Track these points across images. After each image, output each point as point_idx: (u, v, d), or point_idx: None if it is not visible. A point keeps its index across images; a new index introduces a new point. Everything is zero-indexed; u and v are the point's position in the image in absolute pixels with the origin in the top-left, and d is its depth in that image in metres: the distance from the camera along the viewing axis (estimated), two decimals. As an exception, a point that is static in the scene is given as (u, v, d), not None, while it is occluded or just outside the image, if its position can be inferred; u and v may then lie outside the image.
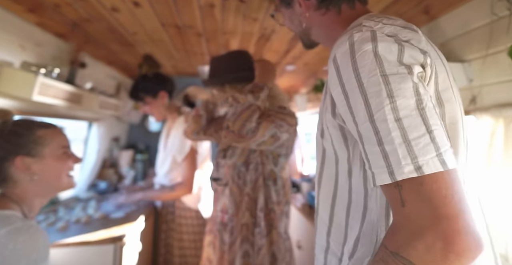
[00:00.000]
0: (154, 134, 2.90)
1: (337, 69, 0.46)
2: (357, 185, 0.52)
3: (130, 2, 1.20)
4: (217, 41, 1.73)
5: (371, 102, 0.41)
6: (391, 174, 0.39)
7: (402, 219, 0.39)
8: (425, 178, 0.37)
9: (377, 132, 0.40)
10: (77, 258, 1.26)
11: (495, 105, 0.93)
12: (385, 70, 0.41)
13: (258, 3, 1.21)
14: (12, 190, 0.78)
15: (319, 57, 2.01)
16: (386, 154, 0.40)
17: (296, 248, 1.77)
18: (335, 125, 0.51)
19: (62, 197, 1.89)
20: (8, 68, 1.09)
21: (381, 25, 0.45)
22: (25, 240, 0.65)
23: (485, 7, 0.94)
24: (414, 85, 0.41)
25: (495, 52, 0.94)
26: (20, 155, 0.77)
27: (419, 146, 0.38)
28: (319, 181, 0.59)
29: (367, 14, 0.55)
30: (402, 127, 0.39)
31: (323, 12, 0.61)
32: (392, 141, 0.39)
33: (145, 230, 1.67)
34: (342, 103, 0.46)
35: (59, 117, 1.65)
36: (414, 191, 0.38)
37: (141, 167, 2.50)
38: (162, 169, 1.78)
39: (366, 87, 0.42)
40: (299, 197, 1.96)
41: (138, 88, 1.69)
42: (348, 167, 0.53)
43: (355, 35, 0.44)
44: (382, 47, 0.42)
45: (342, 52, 0.45)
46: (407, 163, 0.38)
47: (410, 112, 0.40)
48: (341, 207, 0.54)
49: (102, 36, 1.61)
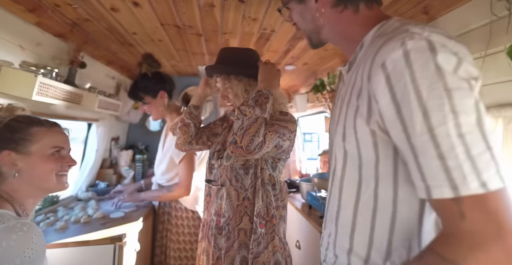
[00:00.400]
0: (154, 134, 2.90)
1: (387, 77, 0.44)
2: (385, 191, 0.52)
3: (130, 2, 1.20)
4: (217, 41, 1.73)
5: (432, 115, 0.41)
6: (455, 189, 0.40)
7: (460, 231, 0.40)
8: (489, 194, 0.39)
9: (438, 146, 0.41)
10: (77, 258, 1.26)
11: (494, 105, 0.93)
12: (448, 84, 0.41)
13: (258, 3, 1.21)
14: (2, 187, 0.77)
15: (319, 57, 2.01)
16: (448, 169, 0.40)
17: (295, 248, 1.78)
18: (367, 131, 0.50)
19: (62, 197, 1.89)
20: (7, 68, 1.09)
21: (428, 32, 0.44)
22: (18, 238, 0.64)
23: (485, 7, 0.94)
24: (475, 101, 0.41)
25: (495, 52, 0.94)
26: (7, 150, 0.77)
27: (482, 162, 0.40)
28: (340, 184, 0.59)
29: (393, 18, 0.54)
30: (465, 143, 0.40)
31: (341, 10, 0.60)
32: (456, 157, 0.40)
33: (144, 230, 1.67)
34: (390, 112, 0.45)
35: (58, 117, 1.65)
36: (478, 206, 0.39)
37: (141, 167, 2.50)
38: (160, 169, 1.77)
39: (426, 100, 0.41)
40: (298, 197, 1.96)
41: (138, 87, 1.68)
42: (375, 172, 0.52)
43: (409, 42, 0.43)
44: (442, 58, 0.41)
45: (395, 59, 0.43)
46: (473, 179, 0.39)
47: (472, 128, 0.40)
48: (365, 211, 0.54)
49: (102, 36, 1.61)
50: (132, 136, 2.91)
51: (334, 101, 2.40)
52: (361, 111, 0.51)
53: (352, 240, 0.57)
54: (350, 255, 0.57)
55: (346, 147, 0.55)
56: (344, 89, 0.59)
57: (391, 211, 0.52)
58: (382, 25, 0.54)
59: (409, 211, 0.51)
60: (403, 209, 0.51)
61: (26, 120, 0.82)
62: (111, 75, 2.25)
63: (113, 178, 2.34)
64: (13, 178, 0.78)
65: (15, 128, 0.79)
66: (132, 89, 1.70)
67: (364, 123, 0.50)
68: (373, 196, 0.53)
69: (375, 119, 0.48)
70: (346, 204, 0.58)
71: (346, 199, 0.58)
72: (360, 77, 0.51)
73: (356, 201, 0.55)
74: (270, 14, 1.32)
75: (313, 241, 1.52)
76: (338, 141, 0.57)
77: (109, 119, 2.27)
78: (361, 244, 0.55)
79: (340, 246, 0.59)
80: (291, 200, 1.92)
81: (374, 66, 0.46)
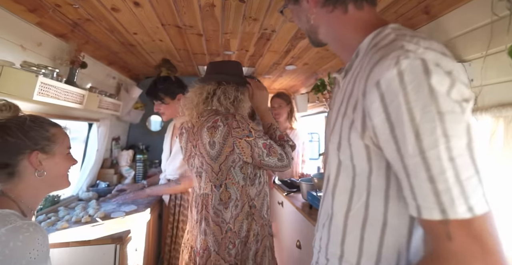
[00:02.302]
0: (154, 134, 2.91)
1: (382, 96, 0.44)
2: (377, 203, 0.52)
3: (131, 2, 1.20)
4: (217, 41, 1.74)
5: (424, 138, 0.41)
6: (443, 212, 0.41)
7: (447, 251, 0.42)
8: (476, 217, 0.40)
9: (429, 168, 0.41)
10: (77, 258, 1.26)
11: (495, 105, 0.93)
12: (440, 107, 0.41)
13: (258, 3, 1.21)
14: (12, 187, 0.78)
15: (319, 56, 2.01)
16: (438, 192, 0.41)
17: (296, 248, 1.78)
18: (361, 145, 0.51)
19: (62, 197, 1.89)
20: (8, 68, 1.09)
21: (422, 49, 0.44)
22: (25, 239, 0.65)
23: (486, 7, 0.94)
24: (467, 125, 0.42)
25: (496, 52, 0.94)
26: (36, 150, 0.80)
27: (470, 186, 0.41)
28: (333, 191, 0.59)
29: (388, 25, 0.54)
30: (455, 167, 0.41)
31: (330, 10, 0.60)
32: (446, 180, 0.41)
33: (146, 228, 1.67)
34: (384, 131, 0.45)
35: (59, 117, 1.65)
36: (464, 228, 0.41)
37: (141, 167, 2.50)
38: (172, 165, 1.84)
39: (419, 122, 0.42)
40: (299, 197, 1.96)
41: (159, 88, 1.77)
42: (367, 184, 0.53)
43: (403, 62, 0.43)
44: (435, 80, 0.41)
45: (389, 79, 0.43)
46: (460, 203, 0.40)
47: (462, 151, 0.41)
48: (355, 221, 0.55)
49: (103, 36, 1.61)
50: (133, 136, 2.91)
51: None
52: (355, 125, 0.51)
53: (342, 248, 0.57)
54: (341, 261, 0.58)
55: (341, 157, 0.56)
56: (340, 96, 0.59)
57: (381, 223, 0.52)
58: (378, 33, 0.53)
59: (399, 224, 0.52)
60: (393, 221, 0.52)
61: (43, 120, 0.86)
62: (112, 75, 2.25)
63: (113, 178, 2.34)
64: (32, 178, 0.80)
65: (37, 129, 0.82)
66: (153, 89, 1.79)
67: (358, 137, 0.50)
68: (364, 207, 0.54)
69: (369, 135, 0.49)
70: (338, 212, 0.58)
71: (338, 207, 0.58)
72: (357, 89, 0.51)
73: (347, 210, 0.56)
74: (271, 14, 1.32)
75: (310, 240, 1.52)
76: (333, 150, 0.58)
77: (110, 119, 2.27)
78: (352, 253, 0.56)
79: (331, 252, 0.60)
80: (292, 200, 1.92)
81: (369, 84, 0.46)
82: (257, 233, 1.19)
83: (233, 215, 1.13)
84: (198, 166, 1.18)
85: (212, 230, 1.13)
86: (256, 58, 2.11)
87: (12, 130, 0.77)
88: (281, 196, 2.15)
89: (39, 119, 0.85)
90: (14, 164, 0.78)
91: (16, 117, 0.81)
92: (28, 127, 0.80)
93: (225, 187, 1.13)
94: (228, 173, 1.12)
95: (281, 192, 2.17)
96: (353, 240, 0.55)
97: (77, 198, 1.99)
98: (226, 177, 1.12)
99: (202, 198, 1.18)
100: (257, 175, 1.19)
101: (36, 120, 0.83)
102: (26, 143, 0.79)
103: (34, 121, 0.83)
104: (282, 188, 2.20)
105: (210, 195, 1.14)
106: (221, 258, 1.11)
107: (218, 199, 1.13)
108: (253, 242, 1.17)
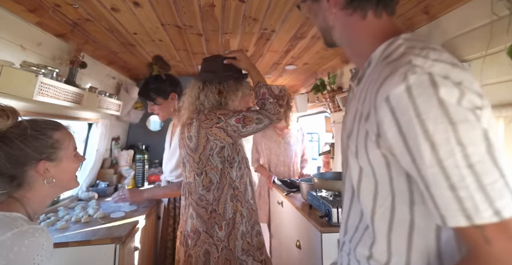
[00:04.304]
0: (154, 134, 2.91)
1: (392, 111, 0.45)
2: (402, 205, 0.53)
3: (131, 2, 1.20)
4: (217, 41, 1.74)
5: (439, 149, 0.42)
6: (468, 218, 0.41)
7: (489, 256, 0.42)
8: (510, 220, 0.40)
9: (448, 177, 0.42)
10: (77, 258, 1.26)
11: (495, 105, 0.93)
12: (452, 117, 0.42)
13: (258, 3, 1.21)
14: (22, 193, 0.77)
15: (319, 56, 2.01)
16: (460, 199, 0.41)
17: (296, 247, 1.78)
18: (378, 153, 0.51)
19: (62, 197, 1.89)
20: (8, 68, 1.09)
21: (431, 62, 0.45)
22: (30, 244, 0.65)
23: (485, 6, 0.94)
24: (483, 131, 0.42)
25: (495, 52, 0.94)
26: (42, 160, 0.78)
27: (495, 191, 0.40)
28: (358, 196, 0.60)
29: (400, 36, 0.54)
30: (476, 173, 0.41)
31: (350, 13, 0.60)
32: (467, 187, 0.41)
33: (146, 228, 1.67)
34: (398, 144, 0.46)
35: (59, 117, 1.65)
36: (502, 232, 0.41)
37: (141, 167, 2.50)
38: (168, 166, 1.82)
39: (432, 133, 0.42)
40: (299, 196, 1.96)
41: (150, 88, 1.70)
42: (390, 188, 0.53)
43: (410, 77, 0.44)
44: (444, 92, 0.42)
45: (398, 95, 0.44)
46: (486, 208, 0.40)
47: (482, 157, 0.41)
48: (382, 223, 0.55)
49: (102, 36, 1.61)
50: (133, 136, 2.91)
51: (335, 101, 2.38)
52: (370, 136, 0.52)
53: (372, 249, 0.58)
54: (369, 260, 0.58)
55: (360, 163, 0.56)
56: (355, 103, 0.59)
57: (408, 226, 0.53)
58: (389, 44, 0.54)
59: (426, 227, 0.52)
60: (420, 224, 0.52)
61: (45, 126, 0.82)
62: (112, 75, 2.25)
63: (113, 178, 2.34)
64: (42, 185, 0.79)
65: (40, 138, 0.79)
66: (144, 89, 1.72)
67: (375, 146, 0.51)
68: (389, 210, 0.54)
69: (384, 146, 0.49)
70: (366, 215, 0.59)
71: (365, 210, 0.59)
72: (368, 100, 0.52)
73: (373, 214, 0.57)
74: (271, 14, 1.32)
75: (313, 241, 1.52)
76: (352, 156, 0.58)
77: (110, 119, 2.27)
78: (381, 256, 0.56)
79: (360, 253, 0.61)
80: (291, 200, 1.92)
81: (378, 99, 0.47)
82: (245, 215, 1.26)
83: (215, 197, 1.22)
84: (183, 157, 1.30)
85: (198, 213, 1.23)
86: (256, 58, 2.12)
87: (14, 142, 0.74)
88: (281, 196, 2.15)
89: (41, 125, 0.81)
90: (21, 175, 0.76)
91: (16, 126, 0.77)
92: (30, 137, 0.77)
93: (205, 174, 1.24)
94: (207, 161, 1.23)
95: (281, 192, 2.17)
96: (381, 241, 0.56)
97: (77, 198, 1.99)
98: (205, 164, 1.23)
99: (188, 186, 1.29)
100: (235, 159, 1.28)
101: (38, 127, 0.80)
102: (31, 154, 0.76)
103: (35, 128, 0.79)
104: (282, 188, 2.20)
105: (193, 183, 1.26)
106: (210, 236, 1.21)
107: (201, 185, 1.24)
108: (241, 222, 1.24)
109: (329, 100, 2.25)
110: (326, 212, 1.44)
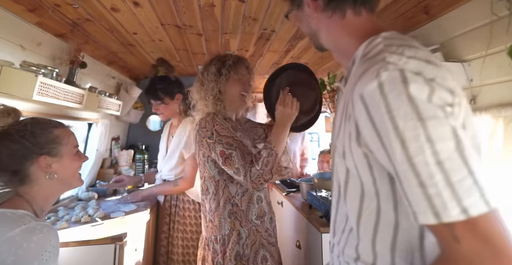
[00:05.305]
0: (154, 133, 2.90)
1: (367, 108, 0.46)
2: (387, 206, 0.53)
3: (130, 2, 1.20)
4: (217, 41, 1.74)
5: (409, 146, 0.42)
6: (436, 216, 0.41)
7: (457, 255, 0.41)
8: (478, 218, 0.40)
9: (418, 174, 0.42)
10: (77, 258, 1.26)
11: (495, 105, 0.93)
12: (421, 114, 0.42)
13: (258, 3, 1.21)
14: (26, 190, 0.78)
15: (319, 56, 2.01)
16: (429, 197, 0.41)
17: (295, 247, 1.78)
18: (360, 153, 0.52)
19: (62, 197, 1.89)
20: (8, 68, 1.09)
21: (405, 59, 0.45)
22: (38, 240, 0.66)
23: (485, 7, 0.94)
24: (451, 128, 0.42)
25: (495, 52, 0.94)
26: (43, 155, 0.79)
27: (463, 188, 0.40)
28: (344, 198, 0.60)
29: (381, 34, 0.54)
30: (444, 170, 0.41)
31: (330, 15, 0.61)
32: (436, 184, 0.41)
33: (146, 228, 1.67)
34: (374, 140, 0.47)
35: (59, 117, 1.65)
36: (470, 230, 0.40)
37: (141, 166, 2.50)
38: (168, 165, 1.83)
39: (402, 130, 0.42)
40: (298, 196, 1.96)
41: (158, 88, 1.76)
42: (375, 190, 0.53)
43: (382, 74, 0.44)
44: (414, 88, 0.42)
45: (371, 91, 0.45)
46: (453, 206, 0.40)
47: (451, 154, 0.41)
48: (368, 224, 0.55)
49: (102, 36, 1.61)
50: (132, 135, 2.91)
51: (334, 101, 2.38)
52: (350, 133, 0.52)
53: (357, 250, 0.58)
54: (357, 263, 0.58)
55: (347, 164, 0.56)
56: (342, 103, 0.60)
57: (393, 226, 0.53)
58: (370, 42, 0.54)
59: (409, 225, 0.52)
60: (404, 223, 0.52)
61: (46, 122, 0.84)
62: (112, 75, 2.25)
63: (113, 178, 2.34)
64: (45, 181, 0.80)
65: (40, 133, 0.81)
66: (152, 88, 1.77)
67: (357, 145, 0.52)
68: (375, 211, 0.54)
69: (364, 144, 0.50)
70: (351, 217, 0.59)
71: (351, 212, 0.59)
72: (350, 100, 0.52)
73: (359, 215, 0.57)
74: (270, 14, 1.32)
75: (313, 241, 1.52)
76: (339, 157, 0.59)
77: (110, 118, 2.27)
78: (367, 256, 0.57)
79: (348, 254, 0.61)
80: (291, 200, 1.92)
81: (355, 96, 0.48)
82: (244, 237, 1.15)
83: (212, 208, 1.18)
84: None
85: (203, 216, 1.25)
86: (256, 58, 2.12)
87: (14, 136, 0.76)
88: (281, 196, 2.15)
89: (42, 122, 0.84)
90: (23, 170, 0.78)
91: (18, 122, 0.80)
92: (31, 131, 0.79)
93: (204, 180, 1.22)
94: (204, 166, 1.19)
95: (280, 192, 2.17)
96: (366, 243, 0.56)
97: (77, 198, 1.98)
98: (203, 170, 1.20)
99: None
100: None
101: (38, 123, 0.82)
102: (32, 148, 0.78)
103: (36, 124, 0.81)
104: (282, 188, 2.20)
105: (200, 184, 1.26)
106: (208, 243, 1.20)
107: (201, 189, 1.23)
108: (237, 242, 1.13)
109: (329, 100, 2.25)
110: (326, 212, 1.44)
